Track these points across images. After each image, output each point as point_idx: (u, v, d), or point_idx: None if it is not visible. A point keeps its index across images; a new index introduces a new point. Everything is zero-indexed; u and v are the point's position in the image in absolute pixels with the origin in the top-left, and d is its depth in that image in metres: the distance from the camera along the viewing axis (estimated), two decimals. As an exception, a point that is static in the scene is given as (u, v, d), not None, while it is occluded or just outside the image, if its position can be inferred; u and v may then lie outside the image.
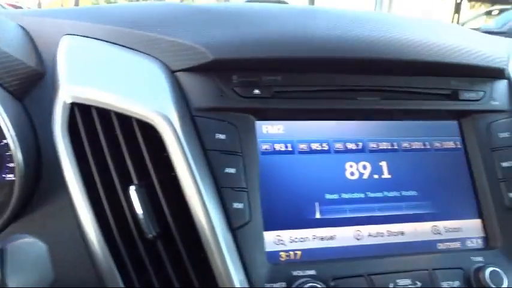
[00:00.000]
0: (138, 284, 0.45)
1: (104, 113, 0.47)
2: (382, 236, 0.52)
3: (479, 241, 0.54)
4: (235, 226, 0.46)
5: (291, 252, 0.49)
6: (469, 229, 0.55)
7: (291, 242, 0.49)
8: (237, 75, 0.51)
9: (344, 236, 0.51)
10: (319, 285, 0.44)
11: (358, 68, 0.54)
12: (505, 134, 0.57)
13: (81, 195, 0.44)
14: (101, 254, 0.45)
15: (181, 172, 0.45)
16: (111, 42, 0.54)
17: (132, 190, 0.45)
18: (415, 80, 0.56)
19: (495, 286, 0.48)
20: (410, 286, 0.47)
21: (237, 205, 0.47)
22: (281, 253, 0.49)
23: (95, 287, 0.47)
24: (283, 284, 0.45)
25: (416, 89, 0.56)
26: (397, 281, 0.47)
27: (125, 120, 0.47)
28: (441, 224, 0.54)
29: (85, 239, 0.46)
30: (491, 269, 0.49)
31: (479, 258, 0.51)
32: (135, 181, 0.46)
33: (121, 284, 0.45)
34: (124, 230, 0.45)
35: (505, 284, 0.48)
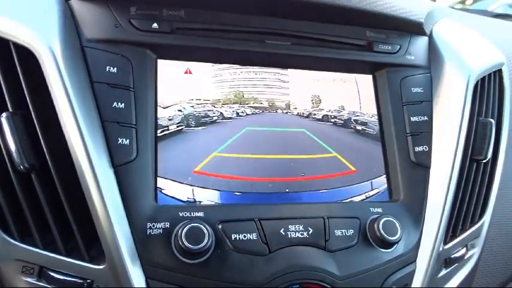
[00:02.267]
0: (12, 219, 0.42)
1: None
2: (282, 180, 0.50)
3: (383, 194, 0.54)
4: (118, 163, 0.43)
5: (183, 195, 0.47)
6: (374, 182, 0.54)
7: (183, 187, 0.47)
8: (136, 6, 0.48)
9: (242, 179, 0.49)
10: (202, 226, 0.42)
11: (269, 9, 0.51)
12: (418, 89, 0.56)
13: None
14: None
15: (60, 102, 0.42)
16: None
17: (4, 117, 0.41)
18: (329, 27, 0.54)
19: (388, 235, 0.47)
20: (301, 232, 0.46)
21: (122, 141, 0.44)
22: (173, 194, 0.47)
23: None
24: (167, 224, 0.43)
25: (329, 36, 0.54)
26: (289, 226, 0.46)
27: (4, 43, 0.43)
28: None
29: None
30: (385, 218, 0.48)
31: (378, 210, 0.50)
32: (10, 109, 0.42)
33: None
34: None
35: (399, 233, 0.47)
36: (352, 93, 0.56)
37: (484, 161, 0.57)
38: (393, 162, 0.54)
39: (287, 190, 0.50)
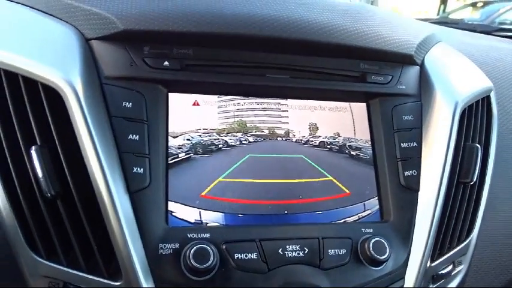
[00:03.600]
0: (39, 240, 0.48)
1: (13, 75, 0.49)
2: (282, 205, 0.55)
3: (375, 215, 0.58)
4: (133, 189, 0.48)
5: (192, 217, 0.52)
6: (366, 204, 0.58)
7: (192, 211, 0.52)
8: (149, 46, 0.53)
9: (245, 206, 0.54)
10: (207, 247, 0.47)
11: (269, 46, 0.56)
12: (408, 117, 0.61)
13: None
14: (3, 211, 0.48)
15: (82, 136, 0.47)
16: (29, 7, 0.55)
17: (34, 150, 0.47)
18: (326, 61, 0.59)
19: (377, 255, 0.51)
20: (297, 251, 0.51)
21: (137, 170, 0.49)
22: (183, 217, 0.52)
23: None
24: (177, 245, 0.48)
25: (326, 69, 0.59)
26: (287, 246, 0.51)
27: (33, 83, 0.48)
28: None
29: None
30: (375, 239, 0.52)
31: (370, 230, 0.55)
32: (39, 142, 0.48)
33: (23, 241, 0.47)
34: (27, 189, 0.48)
35: (387, 253, 0.52)
36: (347, 121, 0.61)
37: (470, 184, 0.61)
38: (384, 186, 0.58)
39: (286, 212, 0.54)
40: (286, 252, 0.51)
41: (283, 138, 0.58)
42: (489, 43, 1.03)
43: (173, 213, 0.51)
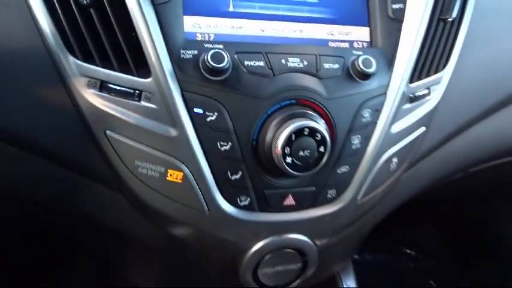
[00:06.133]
0: (77, 46, 0.55)
1: None
2: (283, 31, 0.63)
3: (365, 44, 0.67)
4: (156, 2, 0.55)
5: (206, 34, 0.60)
6: (357, 34, 0.67)
7: (206, 27, 0.60)
8: None
9: (251, 27, 0.62)
10: (222, 52, 0.55)
11: None
12: (396, -44, 0.67)
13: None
14: (45, 21, 0.55)
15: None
16: None
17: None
18: None
19: (365, 68, 0.61)
20: (298, 63, 0.60)
21: None
22: (197, 34, 0.59)
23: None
24: (195, 52, 0.56)
25: None
26: (289, 58, 0.60)
27: None
28: (335, 28, 0.66)
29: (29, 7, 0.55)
30: (365, 56, 0.61)
31: (360, 52, 0.63)
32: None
33: (63, 46, 0.55)
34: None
35: (374, 67, 0.61)
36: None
37: (450, 20, 0.69)
38: (374, 16, 0.66)
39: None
40: (288, 63, 0.59)
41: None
42: None
43: (190, 29, 0.59)
